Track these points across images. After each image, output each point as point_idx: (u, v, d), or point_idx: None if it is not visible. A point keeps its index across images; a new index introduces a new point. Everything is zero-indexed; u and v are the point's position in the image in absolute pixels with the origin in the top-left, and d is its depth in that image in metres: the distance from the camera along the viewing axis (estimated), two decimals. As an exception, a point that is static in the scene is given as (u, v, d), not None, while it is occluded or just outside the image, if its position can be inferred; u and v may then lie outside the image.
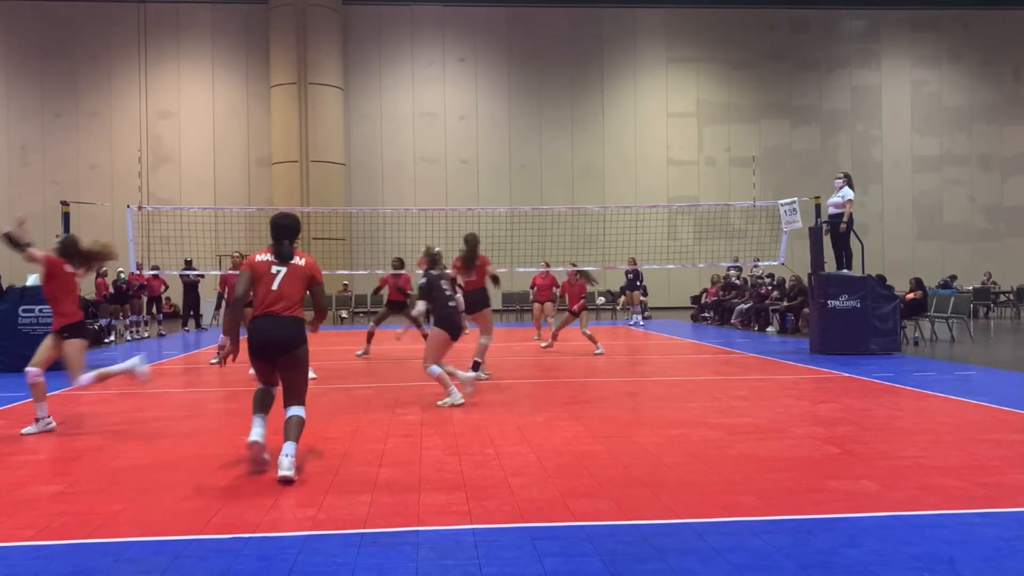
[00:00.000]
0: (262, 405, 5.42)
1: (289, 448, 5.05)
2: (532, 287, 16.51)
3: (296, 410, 5.27)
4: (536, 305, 16.09)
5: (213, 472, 5.27)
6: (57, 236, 12.07)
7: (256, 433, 5.23)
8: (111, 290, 18.74)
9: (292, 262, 5.37)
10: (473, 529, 3.98)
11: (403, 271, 13.74)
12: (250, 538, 3.88)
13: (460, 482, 4.88)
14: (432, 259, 8.35)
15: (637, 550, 3.68)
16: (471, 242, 9.56)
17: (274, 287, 5.29)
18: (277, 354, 5.28)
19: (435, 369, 7.91)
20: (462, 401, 7.84)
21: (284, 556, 3.63)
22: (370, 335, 13.47)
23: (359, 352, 13.30)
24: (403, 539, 3.85)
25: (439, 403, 7.89)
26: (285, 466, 4.94)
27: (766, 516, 4.17)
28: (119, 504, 4.49)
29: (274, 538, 3.89)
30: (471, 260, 9.46)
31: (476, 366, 9.45)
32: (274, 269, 5.34)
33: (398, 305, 13.46)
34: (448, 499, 4.50)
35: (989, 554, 3.59)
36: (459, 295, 8.76)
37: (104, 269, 18.73)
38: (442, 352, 8.03)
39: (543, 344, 14.37)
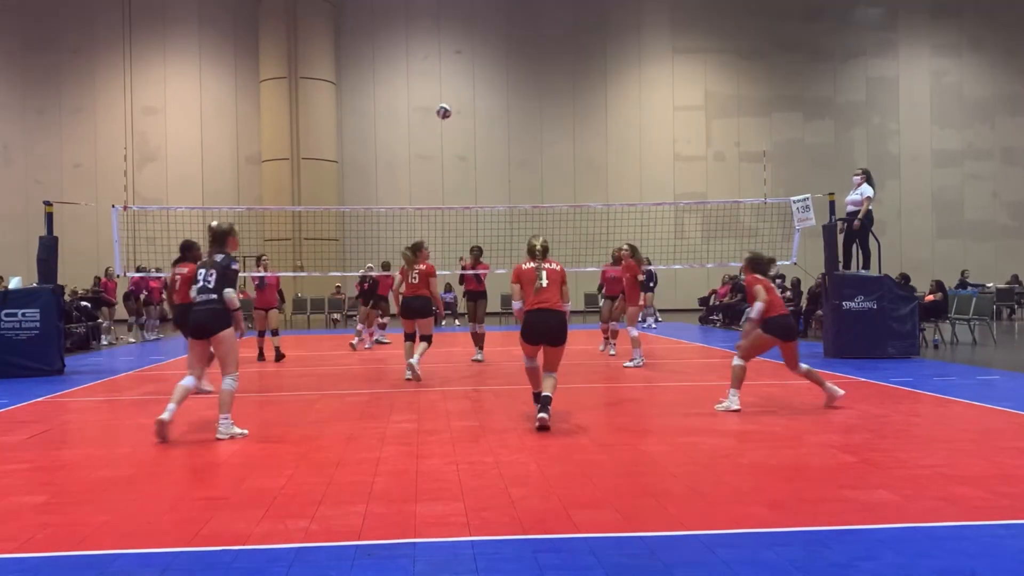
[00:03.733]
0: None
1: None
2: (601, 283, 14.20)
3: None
4: (606, 303, 13.50)
5: (202, 482, 5.26)
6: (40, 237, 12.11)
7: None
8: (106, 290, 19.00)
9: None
10: (472, 541, 3.93)
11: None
12: (240, 550, 3.84)
13: (458, 492, 4.82)
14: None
15: (643, 563, 3.61)
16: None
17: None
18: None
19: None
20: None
21: (275, 569, 3.59)
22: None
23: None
24: (399, 551, 3.81)
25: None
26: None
27: (779, 528, 4.09)
28: (105, 515, 4.45)
29: (265, 550, 3.84)
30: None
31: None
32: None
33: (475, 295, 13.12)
34: (446, 510, 4.46)
35: (1014, 567, 3.50)
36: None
37: (109, 269, 18.40)
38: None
39: (612, 352, 12.86)
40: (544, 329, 6.97)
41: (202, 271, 6.86)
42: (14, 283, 12.82)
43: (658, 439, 6.36)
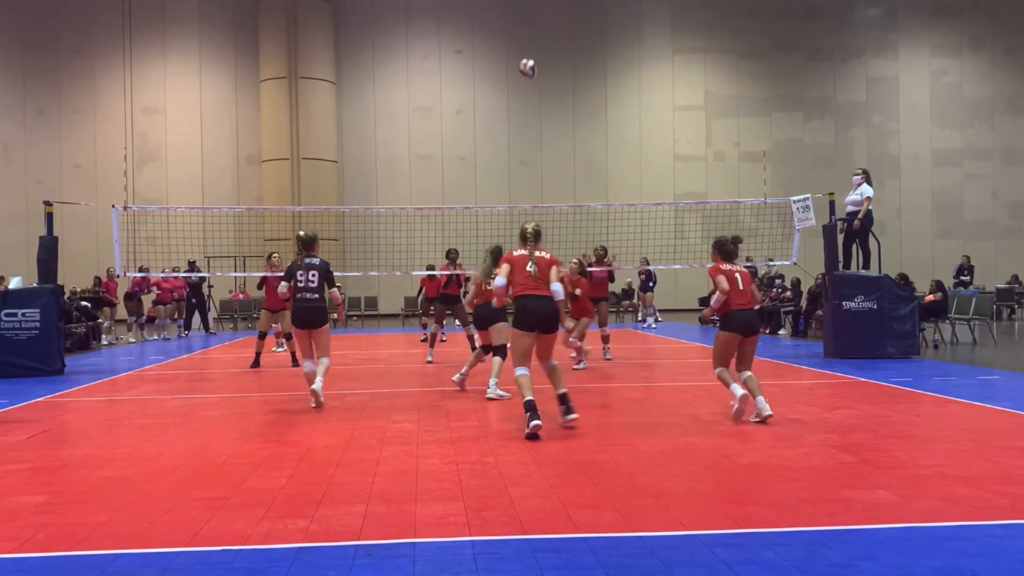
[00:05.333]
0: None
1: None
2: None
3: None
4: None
5: (202, 482, 5.21)
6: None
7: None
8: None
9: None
10: (472, 541, 3.92)
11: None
12: (240, 550, 3.83)
13: (458, 492, 4.81)
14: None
15: (643, 563, 3.60)
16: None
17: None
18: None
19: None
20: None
21: (275, 569, 3.59)
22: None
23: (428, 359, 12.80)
24: (399, 551, 3.79)
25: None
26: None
27: (779, 528, 4.07)
28: (105, 515, 4.44)
29: (265, 550, 3.83)
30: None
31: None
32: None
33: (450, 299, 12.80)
34: (446, 510, 4.44)
35: (1013, 568, 3.48)
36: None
37: (110, 269, 18.37)
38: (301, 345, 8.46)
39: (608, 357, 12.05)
40: (540, 312, 6.64)
41: (300, 272, 8.09)
42: (14, 283, 12.85)
43: (658, 439, 6.30)
